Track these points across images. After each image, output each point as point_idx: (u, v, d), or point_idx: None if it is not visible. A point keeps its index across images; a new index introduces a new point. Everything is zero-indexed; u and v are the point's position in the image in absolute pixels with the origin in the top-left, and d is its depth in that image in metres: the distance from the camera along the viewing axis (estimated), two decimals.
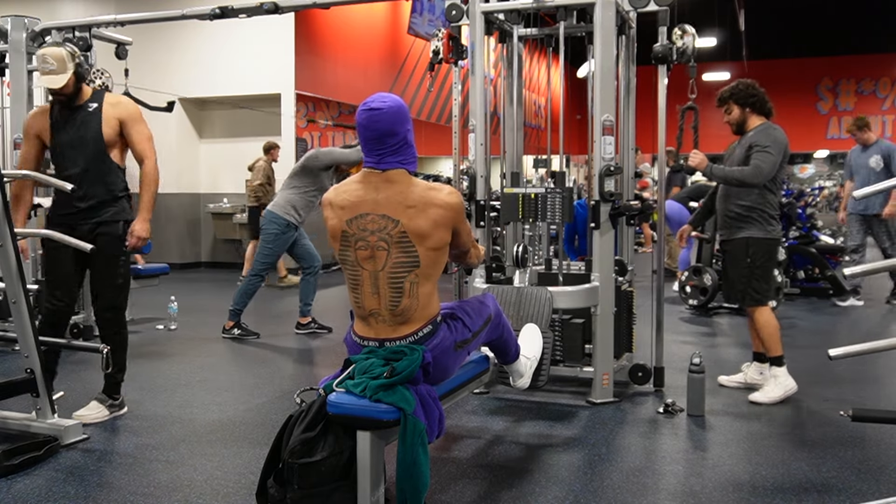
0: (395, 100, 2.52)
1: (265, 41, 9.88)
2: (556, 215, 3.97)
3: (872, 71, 20.12)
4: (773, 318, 4.10)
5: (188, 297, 7.39)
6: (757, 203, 4.02)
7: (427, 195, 2.47)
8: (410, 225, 2.44)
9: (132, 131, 3.68)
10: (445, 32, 4.25)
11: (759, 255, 4.04)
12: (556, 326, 3.94)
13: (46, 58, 3.54)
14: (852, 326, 6.46)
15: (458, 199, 2.53)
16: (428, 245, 2.46)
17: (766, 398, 4.02)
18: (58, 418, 3.37)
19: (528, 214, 4.00)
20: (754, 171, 3.95)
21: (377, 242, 2.46)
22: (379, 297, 2.49)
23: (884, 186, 2.65)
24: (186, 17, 5.42)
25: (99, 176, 3.62)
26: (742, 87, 4.17)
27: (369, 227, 2.46)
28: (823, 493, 2.84)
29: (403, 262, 2.45)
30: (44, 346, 3.35)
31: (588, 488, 2.88)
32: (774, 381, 4.07)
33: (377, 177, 2.50)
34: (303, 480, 2.30)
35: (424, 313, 2.51)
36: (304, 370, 5.01)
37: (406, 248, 2.45)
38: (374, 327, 2.53)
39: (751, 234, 4.05)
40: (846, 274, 2.45)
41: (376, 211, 2.46)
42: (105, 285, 3.69)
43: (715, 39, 16.41)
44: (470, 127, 4.16)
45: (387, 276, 2.46)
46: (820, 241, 8.28)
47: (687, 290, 6.96)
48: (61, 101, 3.62)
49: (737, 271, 4.12)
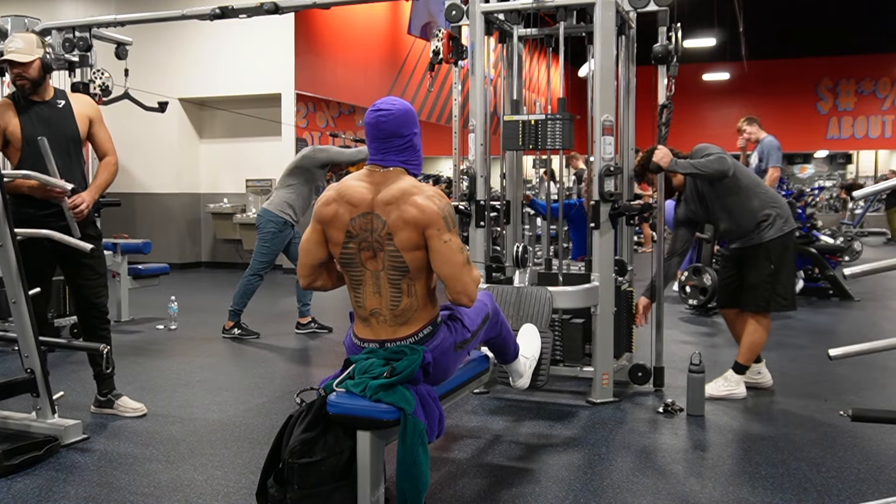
0: (404, 104, 2.55)
1: (265, 41, 9.89)
2: (557, 141, 3.92)
3: (872, 71, 20.11)
4: (767, 331, 4.08)
5: (188, 297, 7.39)
6: (759, 207, 3.98)
7: (406, 190, 2.43)
8: (389, 221, 2.42)
9: (99, 130, 3.73)
10: (445, 32, 4.25)
11: (781, 258, 3.97)
12: (556, 326, 3.94)
13: (15, 38, 3.53)
14: (852, 326, 6.46)
15: (434, 204, 2.41)
16: (401, 244, 2.42)
17: (708, 391, 3.92)
18: (58, 418, 3.37)
19: (528, 141, 3.96)
20: (715, 158, 3.92)
21: (375, 243, 2.46)
22: (380, 297, 2.49)
23: (883, 187, 2.66)
24: (186, 17, 5.43)
25: (74, 173, 3.61)
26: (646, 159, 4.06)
27: (368, 227, 2.46)
28: (823, 493, 2.84)
29: (395, 266, 2.45)
30: (44, 346, 3.35)
31: (588, 488, 2.88)
32: (725, 381, 4.06)
33: (378, 174, 2.51)
34: (303, 480, 2.30)
35: (424, 314, 2.51)
36: (304, 370, 5.01)
37: (393, 254, 2.44)
38: (375, 328, 2.53)
39: (768, 239, 3.98)
40: (846, 274, 2.45)
41: (374, 210, 2.46)
42: (87, 283, 3.69)
43: (714, 39, 16.40)
44: (470, 127, 4.16)
45: (386, 276, 2.47)
46: (820, 241, 8.28)
47: (687, 290, 6.96)
48: (24, 90, 3.53)
49: (759, 277, 4.01)
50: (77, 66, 5.58)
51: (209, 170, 10.80)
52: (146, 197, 10.44)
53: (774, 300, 4.02)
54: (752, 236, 4.03)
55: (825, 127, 20.52)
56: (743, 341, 4.10)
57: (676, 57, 3.96)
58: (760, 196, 4.03)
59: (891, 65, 19.93)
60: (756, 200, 4.01)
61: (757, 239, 4.01)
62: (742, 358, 4.07)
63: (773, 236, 3.99)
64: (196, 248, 10.87)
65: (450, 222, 2.44)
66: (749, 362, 4.07)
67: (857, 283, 7.82)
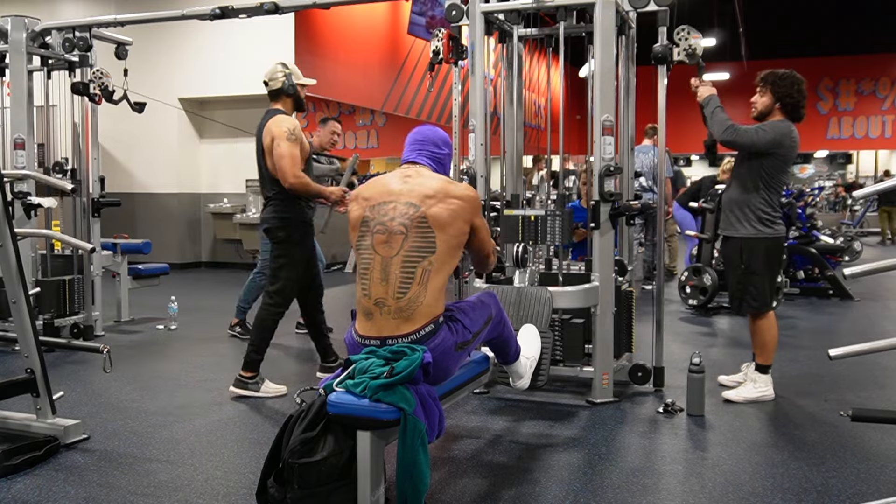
0: (444, 133, 2.95)
1: (265, 41, 9.87)
2: (556, 237, 3.96)
3: (872, 71, 20.10)
4: (774, 325, 4.05)
5: (188, 297, 7.39)
6: (752, 202, 3.95)
7: (446, 187, 2.67)
8: (430, 212, 2.59)
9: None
10: (445, 32, 4.25)
11: (754, 258, 3.96)
12: (556, 326, 3.94)
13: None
14: (852, 326, 6.46)
15: (474, 193, 2.75)
16: (447, 234, 2.59)
17: (738, 397, 4.00)
18: (58, 418, 3.37)
19: (527, 237, 4.01)
20: (729, 128, 3.87)
21: (396, 227, 2.57)
22: (387, 285, 2.53)
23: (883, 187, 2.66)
24: (186, 17, 5.42)
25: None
26: (787, 83, 3.96)
27: (390, 213, 2.61)
28: (823, 493, 2.84)
29: (420, 247, 2.54)
30: (44, 346, 3.35)
31: (588, 488, 2.88)
32: (753, 384, 4.06)
33: (408, 169, 2.74)
34: (303, 480, 2.30)
35: (429, 310, 2.52)
36: (304, 370, 5.01)
37: (425, 233, 2.56)
38: (378, 322, 2.54)
39: (744, 235, 3.99)
40: (846, 274, 2.45)
41: (399, 199, 2.62)
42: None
43: (714, 39, 16.39)
44: (470, 127, 4.16)
45: (400, 260, 2.53)
46: (820, 241, 8.29)
47: (687, 290, 6.96)
48: None
49: (733, 275, 4.08)
50: (77, 66, 5.59)
51: (209, 170, 10.80)
52: (146, 197, 10.44)
53: (746, 301, 4.02)
54: (730, 225, 4.05)
55: (825, 127, 20.51)
56: (753, 343, 4.11)
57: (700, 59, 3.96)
58: (768, 194, 3.95)
59: (891, 65, 19.92)
60: (762, 193, 3.94)
61: (734, 232, 4.03)
62: (760, 359, 4.07)
63: (748, 235, 3.97)
64: (196, 248, 10.87)
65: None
66: (769, 361, 4.05)
67: (857, 283, 7.82)
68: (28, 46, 5.44)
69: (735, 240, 4.04)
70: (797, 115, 4.00)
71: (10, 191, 5.03)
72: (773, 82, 3.98)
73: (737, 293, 4.06)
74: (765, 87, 4.02)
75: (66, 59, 5.58)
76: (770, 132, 3.90)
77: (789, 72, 4.01)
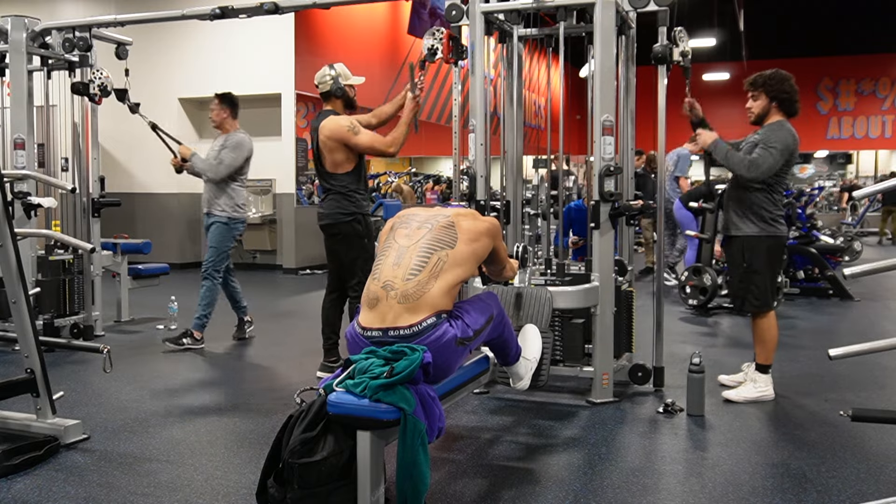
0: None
1: (265, 41, 9.88)
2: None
3: (872, 71, 20.11)
4: (774, 325, 4.06)
5: (188, 297, 7.37)
6: (755, 201, 3.97)
7: (475, 214, 2.98)
8: (460, 222, 2.77)
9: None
10: (446, 32, 4.25)
11: (756, 257, 3.98)
12: (556, 326, 3.94)
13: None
14: (852, 326, 6.46)
15: (497, 222, 3.01)
16: (470, 240, 2.73)
17: (738, 397, 4.01)
18: (58, 418, 3.37)
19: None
20: (750, 164, 3.90)
21: (421, 225, 2.74)
22: (398, 268, 2.60)
23: (882, 187, 2.66)
24: (186, 17, 5.42)
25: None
26: (777, 81, 4.00)
27: (417, 219, 2.79)
28: (823, 493, 2.84)
29: (440, 240, 2.67)
30: (44, 347, 3.35)
31: (588, 488, 2.88)
32: (753, 384, 4.06)
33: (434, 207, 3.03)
34: (303, 480, 2.30)
35: (434, 302, 2.54)
36: (304, 370, 5.01)
37: (448, 232, 2.71)
38: (381, 309, 2.55)
39: (746, 234, 4.00)
40: (846, 274, 2.45)
41: (428, 213, 2.85)
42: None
43: (714, 39, 16.39)
44: (470, 127, 4.16)
45: (417, 248, 2.65)
46: (820, 241, 8.28)
47: (687, 290, 6.96)
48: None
49: (735, 275, 4.09)
50: (77, 66, 5.59)
51: None
52: (146, 197, 10.44)
53: (748, 300, 4.03)
54: (733, 225, 4.05)
55: (825, 127, 20.52)
56: (756, 342, 4.11)
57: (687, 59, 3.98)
58: (770, 192, 3.97)
59: (891, 65, 19.93)
60: (765, 192, 3.96)
61: (736, 232, 4.03)
62: (760, 358, 4.07)
63: (750, 233, 3.99)
64: (196, 248, 10.85)
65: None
66: (769, 361, 4.06)
67: (857, 283, 7.82)
68: (28, 46, 5.44)
69: (737, 239, 4.05)
70: (793, 109, 4.05)
71: (11, 191, 5.02)
72: (764, 83, 4.04)
73: (739, 292, 4.07)
74: (757, 91, 4.07)
75: (66, 59, 5.58)
76: (777, 144, 3.91)
77: (775, 70, 4.06)
